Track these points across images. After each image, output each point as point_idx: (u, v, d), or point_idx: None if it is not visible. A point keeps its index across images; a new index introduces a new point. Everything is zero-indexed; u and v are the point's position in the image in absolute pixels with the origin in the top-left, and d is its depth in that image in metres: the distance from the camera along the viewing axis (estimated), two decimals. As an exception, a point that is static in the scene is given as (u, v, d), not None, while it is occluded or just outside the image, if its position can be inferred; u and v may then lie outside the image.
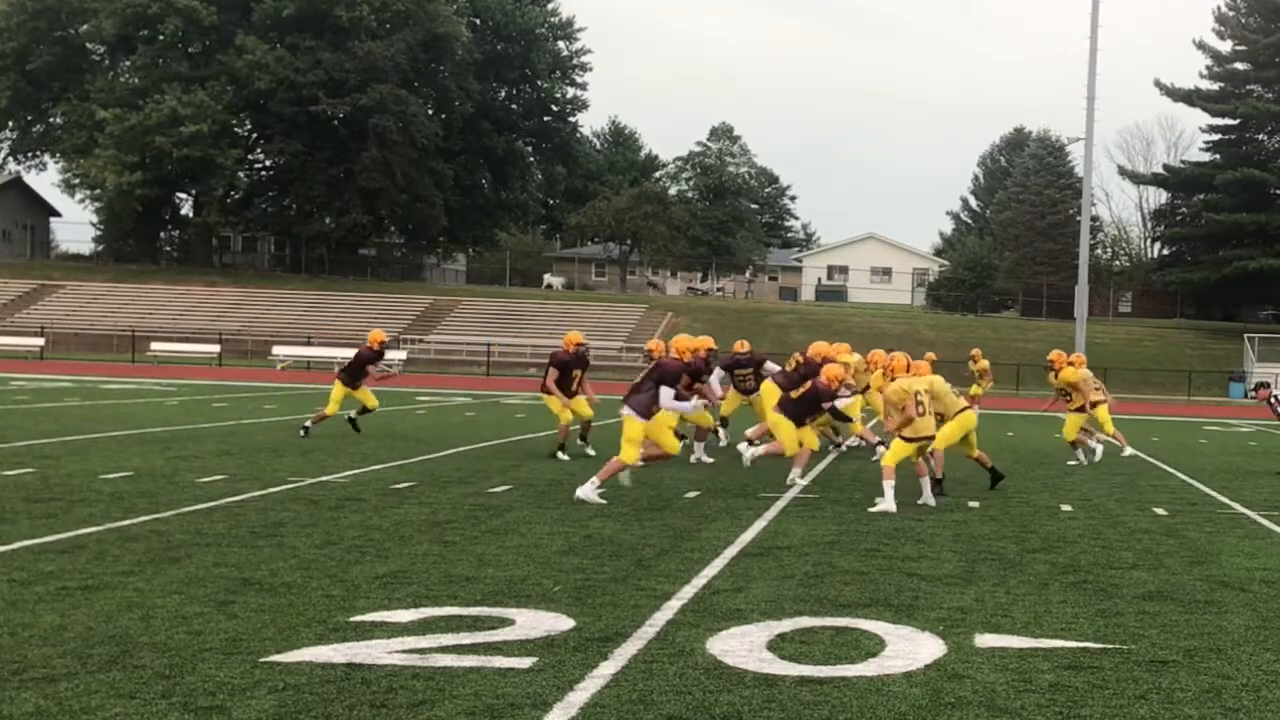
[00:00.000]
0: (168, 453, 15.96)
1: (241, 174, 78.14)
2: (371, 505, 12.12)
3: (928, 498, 13.86)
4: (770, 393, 16.25)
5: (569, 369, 17.61)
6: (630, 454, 13.14)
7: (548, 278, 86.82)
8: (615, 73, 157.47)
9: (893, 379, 14.42)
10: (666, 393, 13.28)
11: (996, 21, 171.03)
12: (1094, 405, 19.43)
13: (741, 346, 19.82)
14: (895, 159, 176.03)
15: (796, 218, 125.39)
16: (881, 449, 16.83)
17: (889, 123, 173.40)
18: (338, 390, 19.47)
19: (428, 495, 13.05)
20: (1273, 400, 19.91)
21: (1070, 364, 19.60)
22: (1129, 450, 20.77)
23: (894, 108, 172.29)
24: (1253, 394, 22.93)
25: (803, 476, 15.64)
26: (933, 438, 14.07)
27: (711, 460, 17.53)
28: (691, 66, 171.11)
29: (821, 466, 17.50)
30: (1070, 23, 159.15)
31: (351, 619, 7.41)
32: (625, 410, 13.34)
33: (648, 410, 13.32)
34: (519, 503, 12.82)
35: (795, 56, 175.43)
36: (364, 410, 19.66)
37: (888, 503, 13.16)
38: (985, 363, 31.66)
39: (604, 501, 12.84)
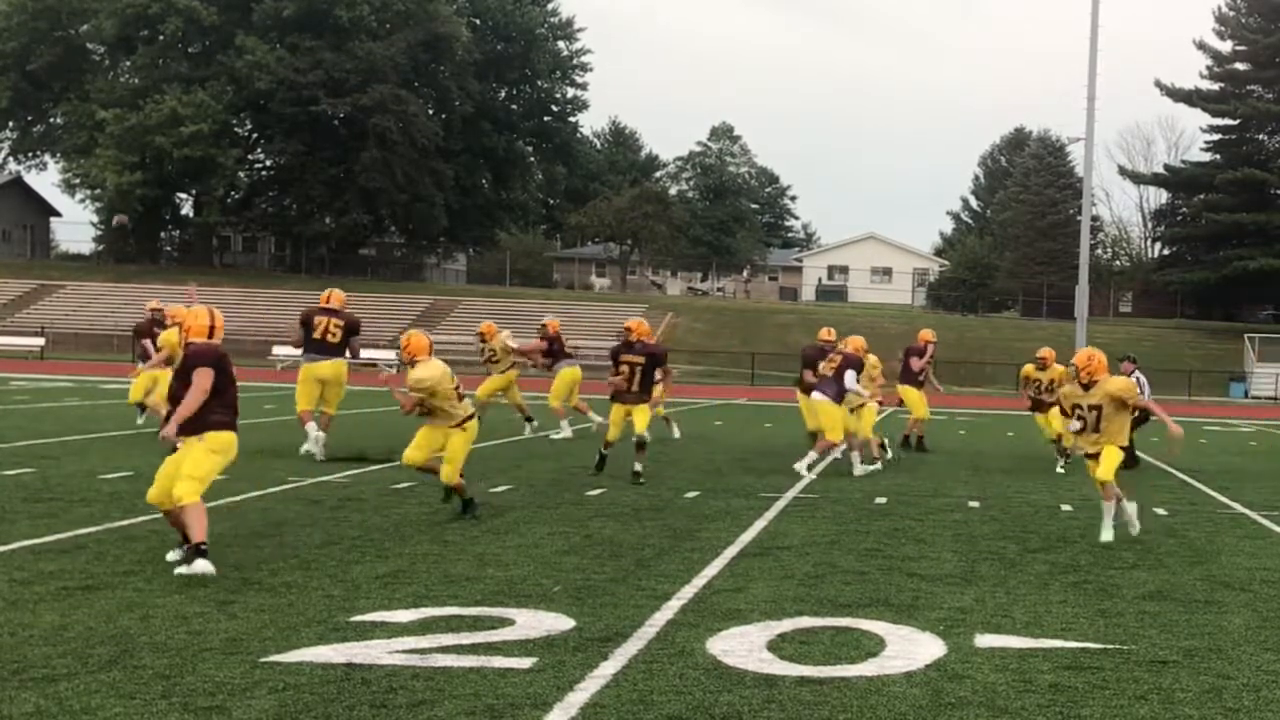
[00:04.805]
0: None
1: (242, 174, 78.19)
2: (371, 505, 12.13)
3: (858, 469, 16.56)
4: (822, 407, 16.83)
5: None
6: (838, 434, 16.23)
7: (594, 278, 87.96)
8: (615, 73, 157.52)
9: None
10: (850, 375, 16.17)
11: (996, 21, 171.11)
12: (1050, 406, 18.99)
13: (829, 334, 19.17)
14: (895, 159, 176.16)
15: (797, 217, 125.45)
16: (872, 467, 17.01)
17: (889, 122, 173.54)
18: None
19: (428, 495, 13.04)
20: None
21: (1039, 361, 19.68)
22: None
23: (894, 107, 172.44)
24: None
25: (810, 470, 16.22)
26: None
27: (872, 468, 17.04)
28: (692, 67, 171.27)
29: (820, 468, 17.50)
30: (1070, 23, 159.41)
31: (352, 619, 7.42)
32: (818, 397, 16.34)
33: (840, 395, 16.23)
34: (519, 502, 12.83)
35: (795, 56, 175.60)
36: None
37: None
38: (1059, 368, 22.84)
39: (813, 476, 15.71)
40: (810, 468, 16.34)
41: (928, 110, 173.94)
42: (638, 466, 14.98)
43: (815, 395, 16.87)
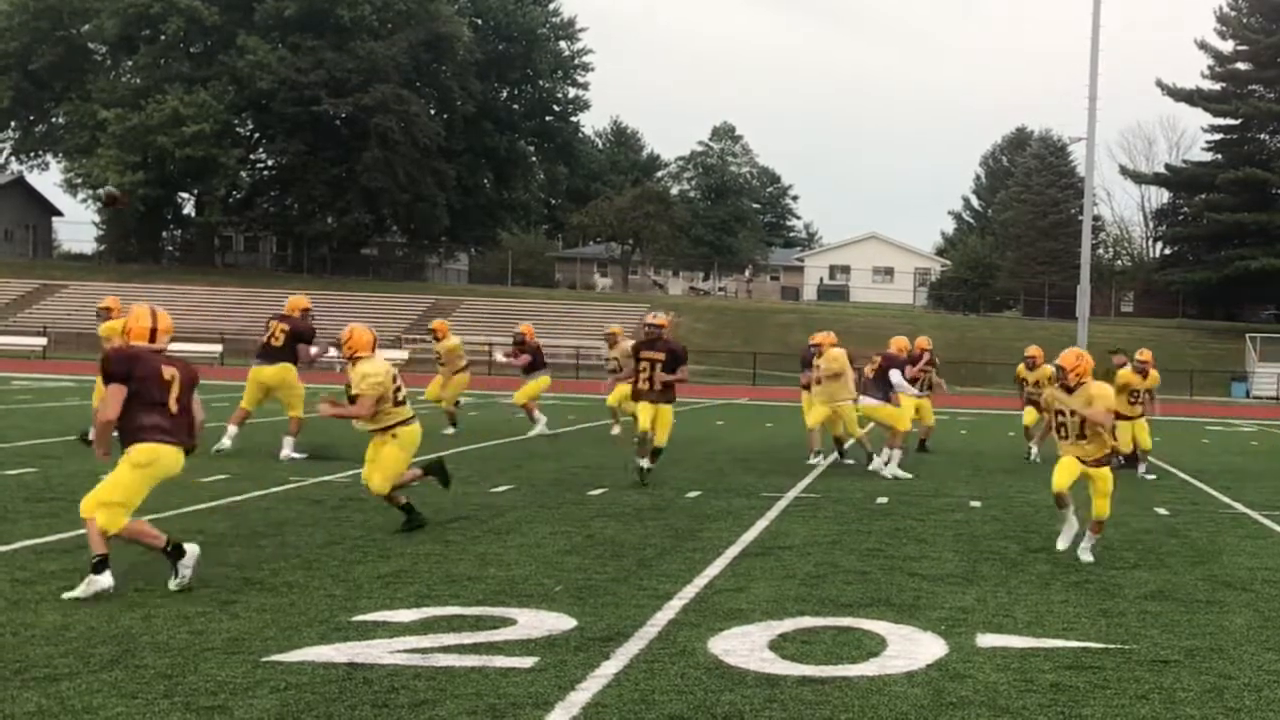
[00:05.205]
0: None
1: (243, 174, 78.14)
2: (373, 505, 12.11)
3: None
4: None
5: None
6: (904, 422, 16.71)
7: (597, 278, 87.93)
8: (617, 73, 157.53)
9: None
10: (895, 373, 16.43)
11: (997, 21, 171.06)
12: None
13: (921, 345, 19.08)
14: (897, 158, 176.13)
15: (798, 217, 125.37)
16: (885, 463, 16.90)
17: (890, 122, 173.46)
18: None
19: (429, 495, 13.05)
20: None
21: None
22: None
23: (895, 107, 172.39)
24: None
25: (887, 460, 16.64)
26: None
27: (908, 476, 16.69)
28: (693, 67, 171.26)
29: (822, 468, 17.52)
30: (1071, 22, 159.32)
31: (353, 618, 7.43)
32: (867, 401, 16.71)
33: (887, 395, 16.49)
34: (521, 502, 12.83)
35: (796, 56, 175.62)
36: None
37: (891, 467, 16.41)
38: (1047, 368, 21.32)
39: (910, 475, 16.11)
40: (888, 463, 16.52)
41: (929, 110, 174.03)
42: (643, 463, 14.60)
43: (864, 400, 17.12)
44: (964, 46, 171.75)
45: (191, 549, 8.14)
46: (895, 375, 16.58)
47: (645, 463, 14.55)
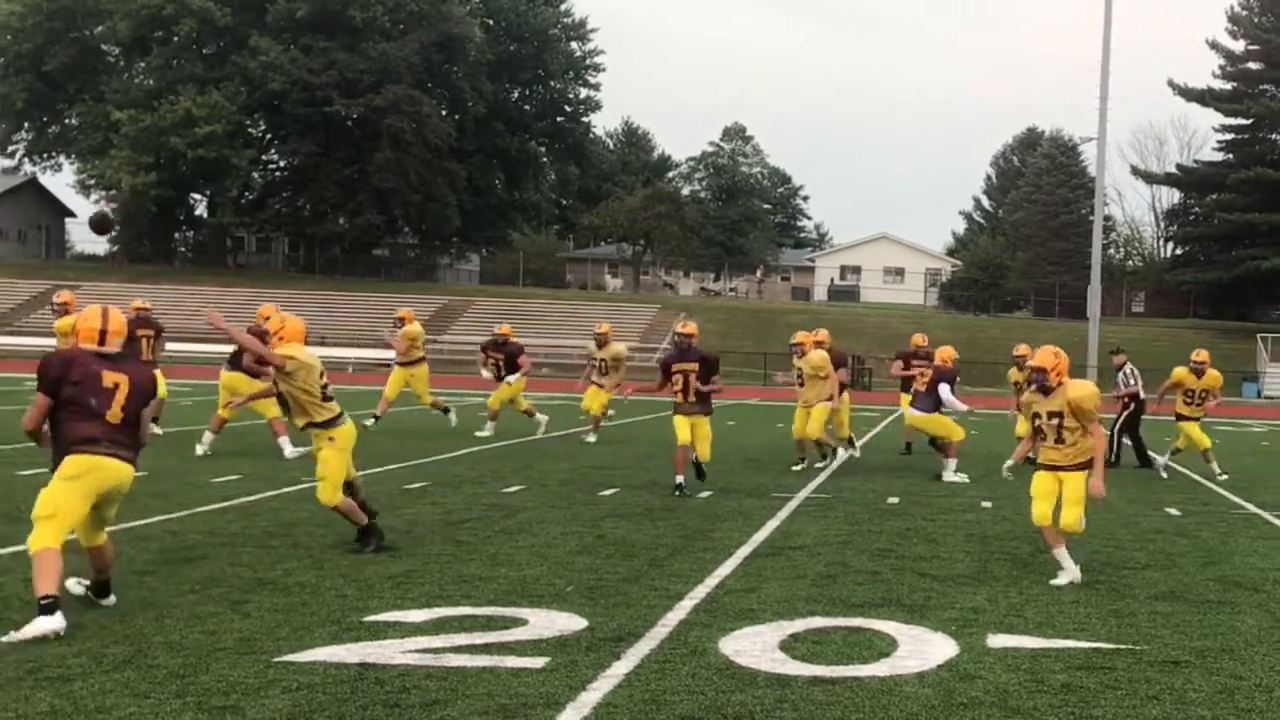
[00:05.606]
0: (182, 453, 16.00)
1: (256, 175, 78.27)
2: (384, 505, 12.13)
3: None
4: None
5: None
6: (958, 432, 16.60)
7: (608, 278, 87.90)
8: (627, 73, 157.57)
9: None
10: (945, 389, 16.39)
11: (1008, 21, 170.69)
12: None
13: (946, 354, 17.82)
14: (907, 159, 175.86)
15: (809, 218, 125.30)
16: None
17: (900, 122, 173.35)
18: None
19: (441, 495, 13.09)
20: None
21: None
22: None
23: (905, 107, 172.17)
24: None
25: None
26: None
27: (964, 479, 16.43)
28: (703, 68, 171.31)
29: (835, 466, 17.51)
30: (1082, 21, 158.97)
31: (365, 619, 7.45)
32: (914, 412, 16.98)
33: (935, 408, 16.48)
34: (532, 502, 12.84)
35: (807, 57, 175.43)
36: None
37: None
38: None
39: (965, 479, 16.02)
40: (956, 471, 16.43)
41: (939, 110, 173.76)
42: (679, 479, 14.03)
43: (911, 410, 17.29)
44: (975, 47, 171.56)
45: (49, 626, 6.81)
46: (945, 392, 16.44)
47: (680, 479, 13.99)
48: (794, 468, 17.07)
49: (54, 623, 6.79)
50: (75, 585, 7.63)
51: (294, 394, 9.89)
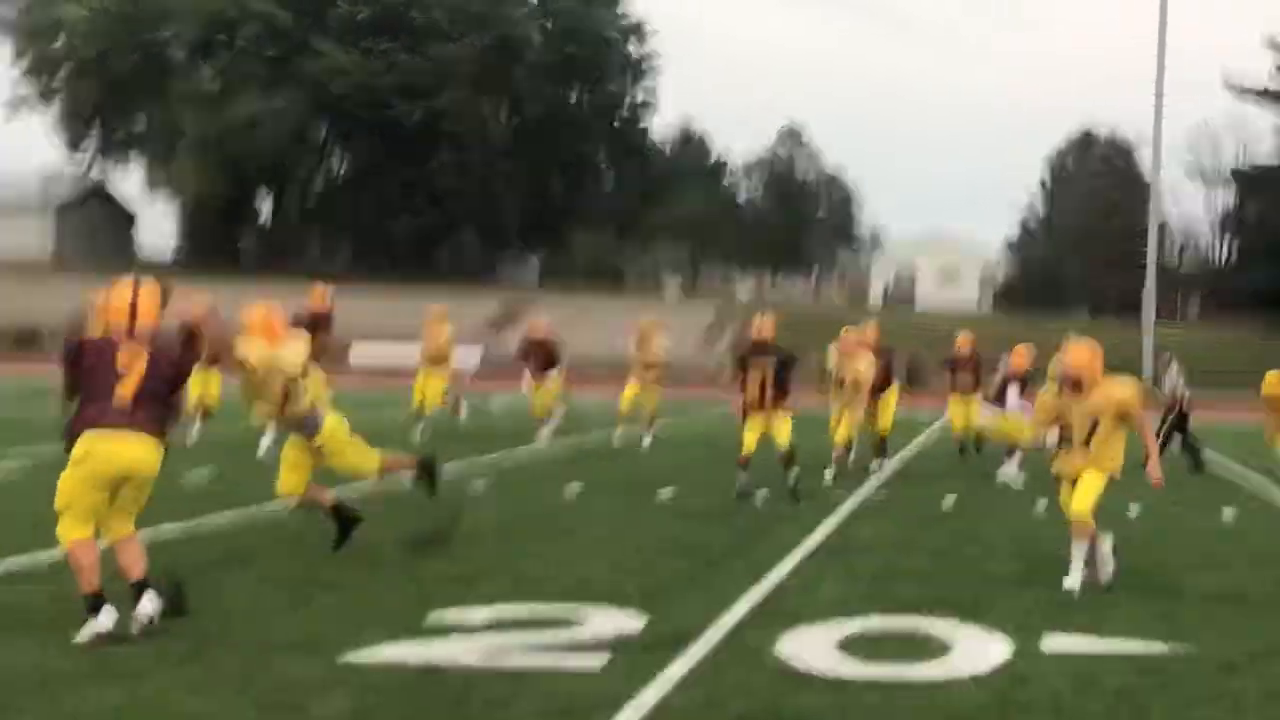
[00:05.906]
0: (247, 451, 16.13)
1: (319, 177, 78.91)
2: (443, 505, 12.25)
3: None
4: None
5: None
6: (1026, 433, 15.33)
7: (665, 279, 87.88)
8: (683, 76, 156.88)
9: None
10: (1013, 393, 16.65)
11: (1042, 23, 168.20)
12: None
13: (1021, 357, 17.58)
14: (942, 160, 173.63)
15: (864, 220, 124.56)
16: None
17: (935, 124, 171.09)
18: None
19: (498, 495, 13.18)
20: None
21: None
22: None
23: (939, 109, 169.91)
24: None
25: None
26: None
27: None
28: (757, 70, 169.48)
29: (895, 467, 17.48)
30: (1118, 24, 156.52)
31: (426, 619, 7.54)
32: (986, 413, 17.38)
33: (1002, 407, 16.69)
34: (590, 502, 12.92)
35: (841, 59, 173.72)
36: None
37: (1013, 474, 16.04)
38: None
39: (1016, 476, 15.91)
40: (1020, 466, 16.36)
41: (972, 112, 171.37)
42: (792, 481, 13.74)
43: (985, 411, 17.57)
44: (1028, 49, 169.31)
45: (103, 625, 6.87)
46: (1012, 396, 16.48)
47: (744, 476, 13.72)
48: (826, 472, 16.12)
49: (102, 622, 6.81)
50: (145, 609, 7.11)
51: (257, 385, 9.61)
